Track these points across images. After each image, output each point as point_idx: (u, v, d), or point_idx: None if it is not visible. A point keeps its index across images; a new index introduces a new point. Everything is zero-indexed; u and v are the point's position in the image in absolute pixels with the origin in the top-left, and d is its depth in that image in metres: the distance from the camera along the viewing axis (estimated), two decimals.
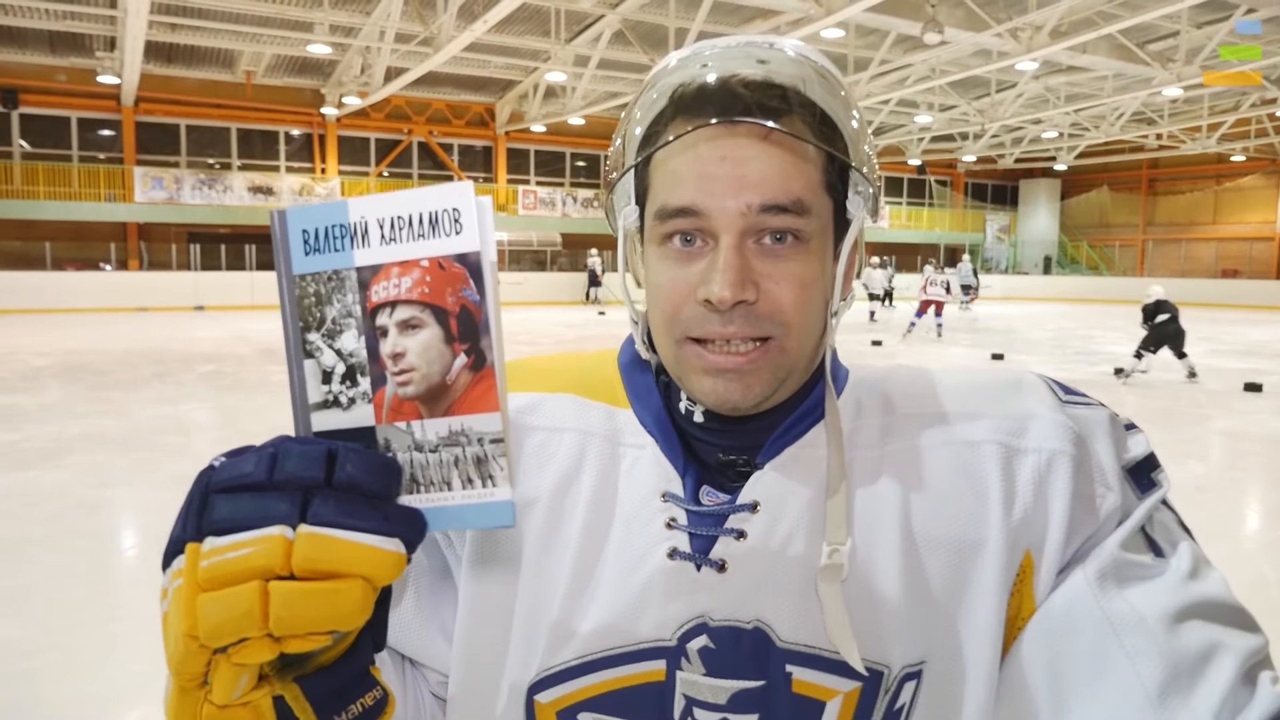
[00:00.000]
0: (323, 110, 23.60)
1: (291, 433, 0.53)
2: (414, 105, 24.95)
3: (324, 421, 0.52)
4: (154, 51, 19.21)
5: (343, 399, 0.51)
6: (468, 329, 0.50)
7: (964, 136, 28.71)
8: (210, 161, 23.86)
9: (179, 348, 13.38)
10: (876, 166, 0.71)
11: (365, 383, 0.51)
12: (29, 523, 5.11)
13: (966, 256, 28.04)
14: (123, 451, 6.77)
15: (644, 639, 0.68)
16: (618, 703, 0.69)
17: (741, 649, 0.67)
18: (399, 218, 0.50)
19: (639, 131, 0.68)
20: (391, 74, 19.41)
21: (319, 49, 18.13)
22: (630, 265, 0.74)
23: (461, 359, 0.50)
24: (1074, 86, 21.54)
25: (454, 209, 0.49)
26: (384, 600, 0.52)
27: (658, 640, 0.68)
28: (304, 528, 0.46)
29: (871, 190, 0.69)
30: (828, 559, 0.65)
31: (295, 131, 24.72)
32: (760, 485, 0.69)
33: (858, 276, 0.74)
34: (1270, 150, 28.81)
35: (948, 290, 17.10)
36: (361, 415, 0.51)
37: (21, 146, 21.67)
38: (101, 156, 22.60)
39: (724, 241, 0.63)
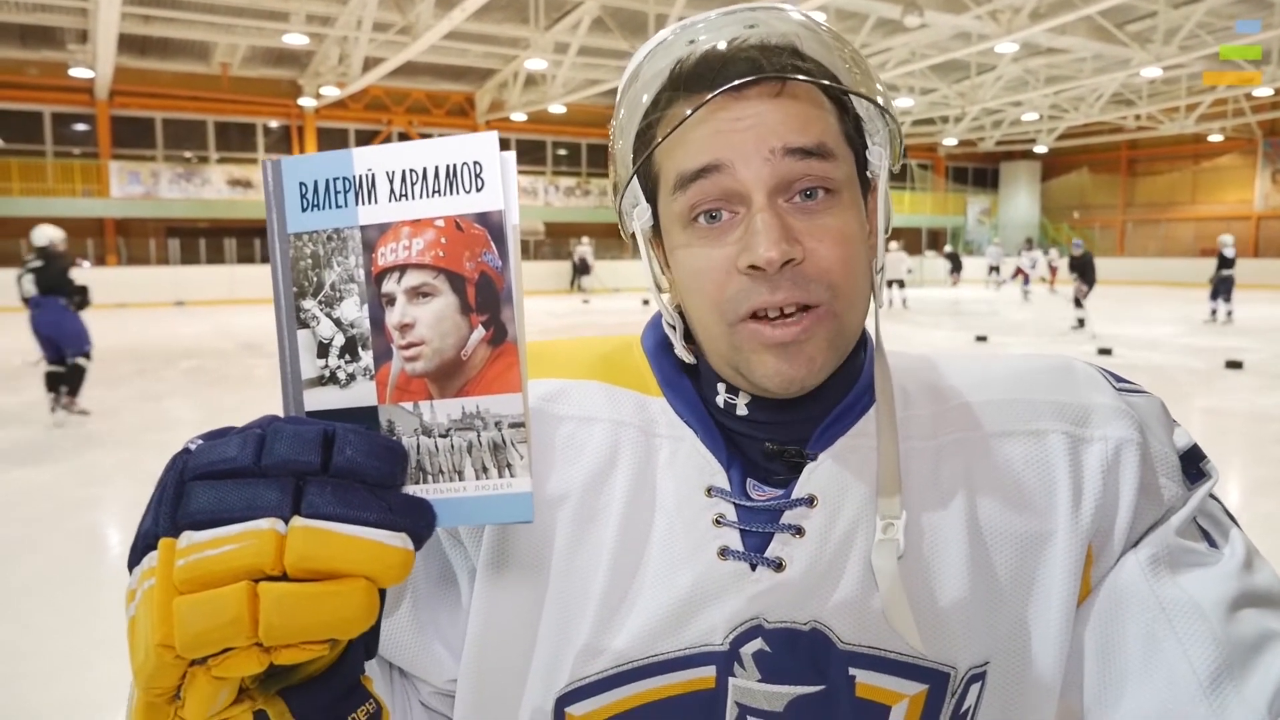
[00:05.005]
0: (300, 101, 23.30)
1: (280, 413, 0.46)
2: (393, 95, 24.68)
3: (318, 400, 0.46)
4: (127, 44, 18.87)
5: (341, 375, 0.46)
6: (487, 298, 0.44)
7: (944, 120, 28.70)
8: (187, 155, 23.53)
9: (160, 344, 13.22)
10: (893, 105, 0.66)
11: (367, 357, 0.45)
12: (12, 524, 5.03)
13: (1033, 242, 27.39)
14: (106, 450, 6.69)
15: (692, 644, 0.63)
16: (663, 713, 0.63)
17: (799, 652, 0.62)
18: (411, 171, 0.44)
19: (639, 122, 0.63)
20: (369, 64, 19.17)
21: (295, 39, 17.90)
22: (652, 271, 0.68)
23: (479, 332, 0.44)
24: (1053, 69, 21.56)
25: (475, 162, 0.44)
26: (381, 601, 0.47)
27: (707, 645, 0.63)
28: (298, 520, 0.40)
29: (889, 129, 0.66)
30: (882, 534, 0.61)
31: (273, 123, 24.42)
32: (816, 478, 0.64)
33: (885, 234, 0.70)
34: (1247, 130, 28.97)
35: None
36: (362, 394, 0.45)
37: None
38: (76, 151, 22.23)
39: (756, 202, 0.59)
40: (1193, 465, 0.67)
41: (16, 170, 20.97)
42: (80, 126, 22.30)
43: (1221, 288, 15.71)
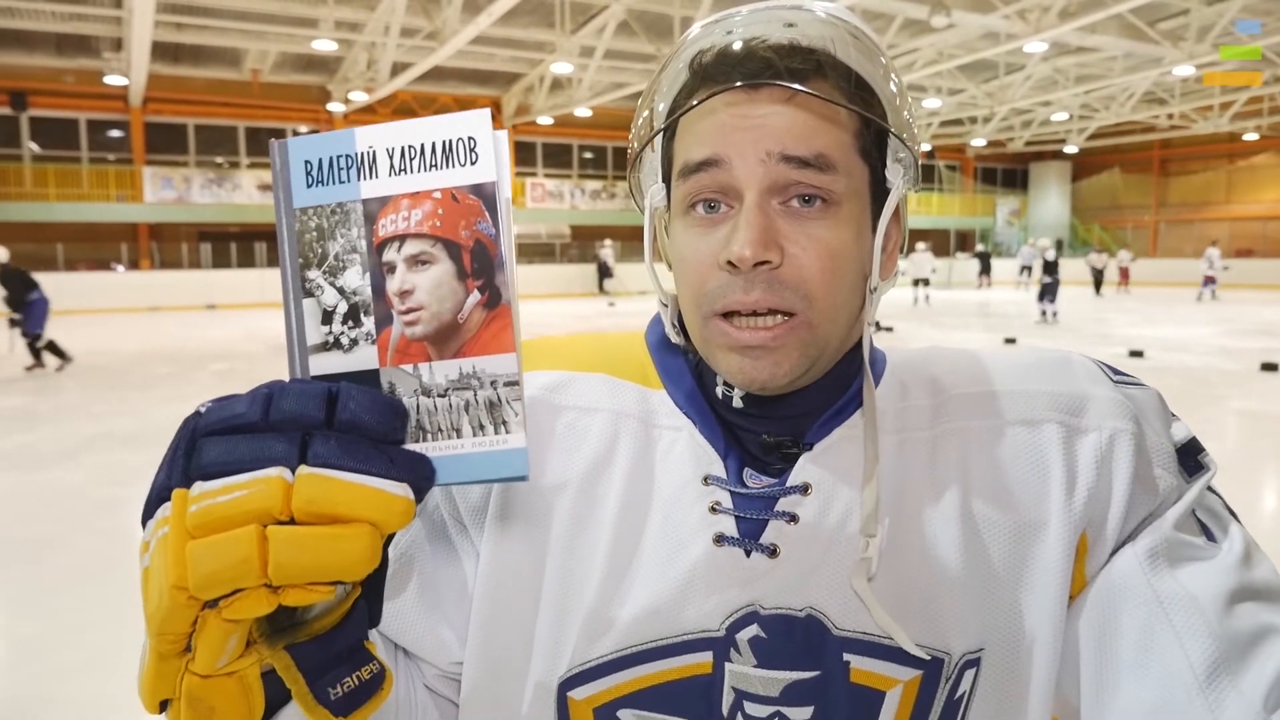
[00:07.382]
0: (329, 106, 23.58)
1: (286, 379, 0.49)
2: (420, 99, 24.90)
3: (323, 365, 0.48)
4: (160, 51, 19.19)
5: (344, 340, 0.48)
6: (482, 264, 0.47)
7: (973, 120, 28.48)
8: (219, 160, 23.88)
9: (191, 346, 13.40)
10: (917, 134, 0.67)
11: (369, 322, 0.48)
12: (46, 523, 5.13)
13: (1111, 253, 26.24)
14: (137, 451, 6.78)
15: (689, 630, 0.64)
16: (661, 698, 0.65)
17: (794, 638, 0.63)
18: (410, 147, 0.48)
19: (662, 105, 0.66)
20: (397, 69, 19.37)
21: (324, 45, 18.11)
22: (660, 247, 0.70)
23: (475, 296, 0.47)
24: (1083, 68, 21.33)
25: (470, 137, 0.47)
26: (382, 567, 0.49)
27: (704, 631, 0.64)
28: (304, 469, 0.42)
29: (911, 157, 0.66)
30: (863, 552, 0.62)
31: (303, 128, 24.69)
32: (811, 467, 0.65)
33: (902, 254, 0.70)
34: None
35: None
36: (364, 357, 0.48)
37: (31, 149, 21.75)
38: (111, 157, 22.64)
39: (747, 199, 0.60)
40: (1190, 458, 0.67)
41: (53, 176, 21.39)
42: (114, 133, 22.71)
43: (1047, 291, 16.68)
